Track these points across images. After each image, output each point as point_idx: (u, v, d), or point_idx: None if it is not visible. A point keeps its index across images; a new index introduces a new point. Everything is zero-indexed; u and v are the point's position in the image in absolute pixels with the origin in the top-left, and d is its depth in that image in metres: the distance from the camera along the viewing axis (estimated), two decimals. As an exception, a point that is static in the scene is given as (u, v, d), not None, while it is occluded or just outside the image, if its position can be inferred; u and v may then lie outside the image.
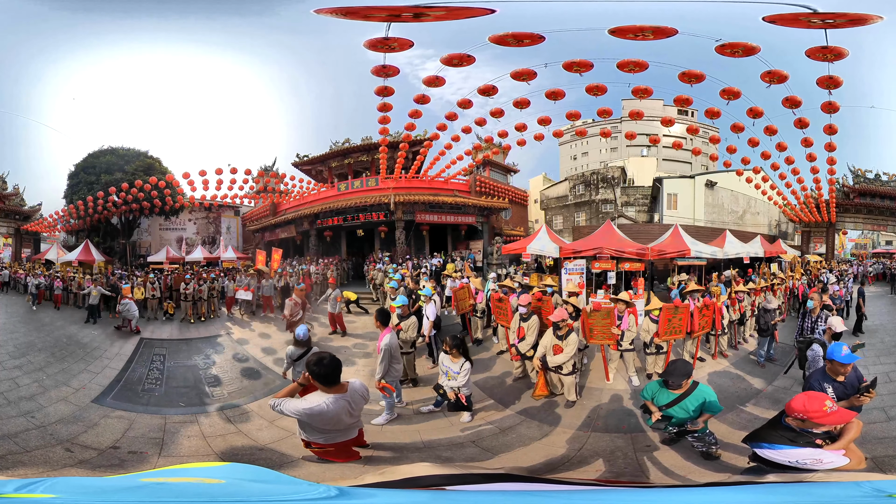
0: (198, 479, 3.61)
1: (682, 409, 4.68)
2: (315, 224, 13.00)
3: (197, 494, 3.16)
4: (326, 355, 3.99)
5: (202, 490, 3.25)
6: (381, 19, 5.97)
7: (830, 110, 7.51)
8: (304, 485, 3.50)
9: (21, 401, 6.31)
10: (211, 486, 3.30)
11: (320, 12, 6.03)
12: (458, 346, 5.75)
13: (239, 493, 3.24)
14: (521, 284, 8.55)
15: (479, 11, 5.84)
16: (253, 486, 3.39)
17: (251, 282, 10.78)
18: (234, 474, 3.74)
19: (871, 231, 13.60)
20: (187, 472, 4.14)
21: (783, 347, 8.02)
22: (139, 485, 3.45)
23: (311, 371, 3.92)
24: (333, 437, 4.17)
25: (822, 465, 3.62)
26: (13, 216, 12.31)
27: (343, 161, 13.35)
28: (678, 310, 6.91)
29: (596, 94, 7.55)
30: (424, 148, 10.58)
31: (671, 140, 12.24)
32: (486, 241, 13.00)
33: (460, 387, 5.79)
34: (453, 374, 5.77)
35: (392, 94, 7.84)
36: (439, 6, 5.71)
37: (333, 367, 3.93)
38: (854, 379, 4.39)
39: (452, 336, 5.93)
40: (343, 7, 6.01)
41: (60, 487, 2.95)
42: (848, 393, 4.31)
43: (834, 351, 4.35)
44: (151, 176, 11.38)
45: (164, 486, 3.40)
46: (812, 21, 5.85)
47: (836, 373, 4.37)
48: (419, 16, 5.82)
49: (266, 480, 3.56)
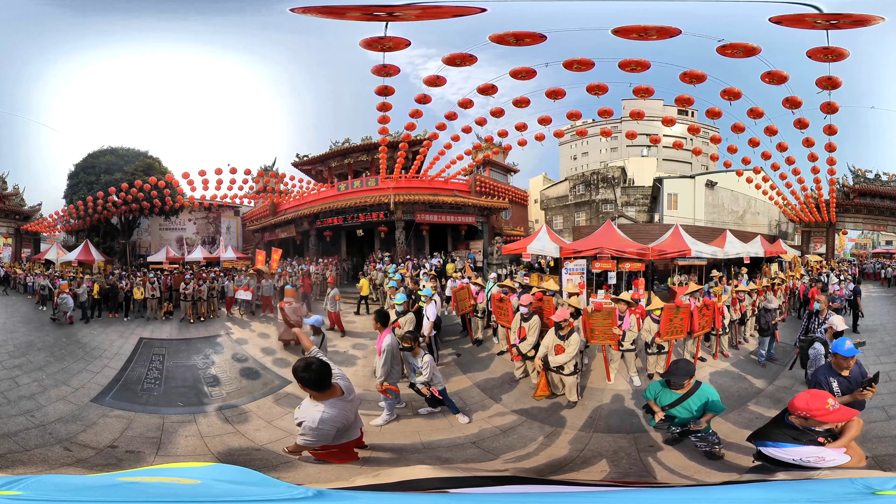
0: (173, 480, 3.57)
1: (685, 409, 4.67)
2: (315, 224, 12.98)
3: (170, 495, 3.14)
4: (313, 360, 3.81)
5: (176, 490, 3.23)
6: (356, 18, 5.93)
7: (830, 111, 7.52)
8: (283, 486, 3.48)
9: (21, 400, 6.30)
10: (185, 487, 3.29)
11: (295, 11, 6.00)
12: (416, 341, 5.73)
13: (214, 493, 3.21)
14: (522, 285, 8.54)
15: (469, 10, 5.82)
16: (229, 487, 3.36)
17: (251, 281, 10.71)
18: (215, 475, 3.70)
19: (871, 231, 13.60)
20: (165, 472, 4.11)
21: (784, 347, 8.02)
22: (115, 483, 3.44)
23: (301, 378, 3.71)
24: (338, 437, 4.10)
25: (825, 463, 3.67)
26: (13, 216, 12.28)
27: (343, 161, 13.33)
28: (679, 310, 6.90)
29: (597, 93, 7.54)
30: (424, 148, 10.56)
31: (672, 140, 12.24)
32: (486, 241, 12.98)
33: (429, 382, 5.75)
34: (418, 369, 5.75)
35: (392, 94, 7.83)
36: (414, 4, 5.67)
37: (322, 372, 3.75)
38: (858, 374, 4.54)
39: (408, 332, 5.94)
40: (318, 6, 5.97)
41: (33, 485, 2.96)
42: (852, 387, 4.44)
43: (838, 345, 4.53)
44: (151, 176, 11.36)
45: (138, 486, 3.40)
46: (817, 22, 5.85)
47: (840, 367, 4.51)
48: (394, 14, 5.77)
49: (246, 482, 3.52)
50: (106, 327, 9.51)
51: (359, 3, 5.79)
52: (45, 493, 2.90)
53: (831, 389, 4.48)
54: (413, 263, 11.46)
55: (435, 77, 7.44)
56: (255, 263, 11.82)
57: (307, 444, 3.90)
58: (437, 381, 5.82)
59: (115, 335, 9.16)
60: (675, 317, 6.84)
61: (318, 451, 4.30)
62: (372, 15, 5.82)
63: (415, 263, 11.49)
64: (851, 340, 4.56)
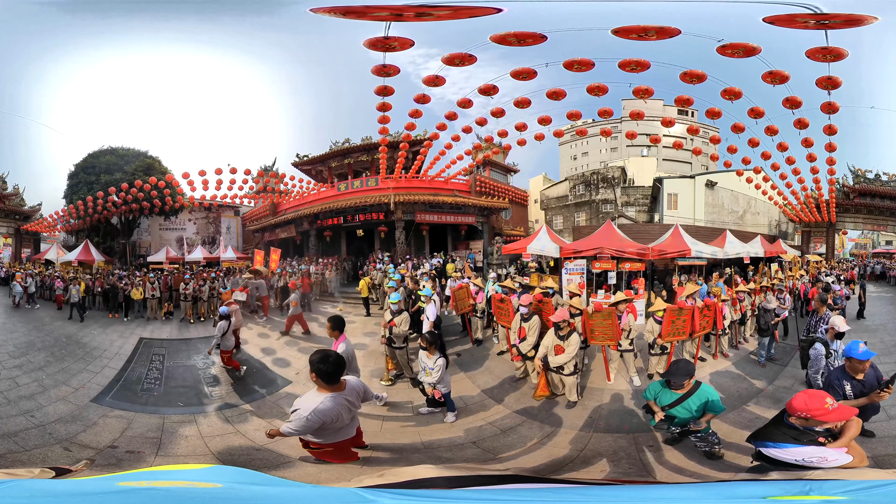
0: (191, 484, 3.45)
1: (685, 409, 4.67)
2: (315, 224, 12.99)
3: (192, 498, 3.00)
4: (332, 353, 3.99)
5: (195, 495, 3.10)
6: (383, 18, 5.94)
7: (830, 111, 7.52)
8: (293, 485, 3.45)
9: (21, 400, 6.30)
10: (207, 491, 3.18)
11: (316, 11, 5.99)
12: (434, 343, 5.74)
13: (239, 496, 3.09)
14: (522, 285, 8.54)
15: (485, 11, 5.82)
16: (253, 489, 3.25)
17: (248, 282, 10.57)
18: (218, 477, 3.65)
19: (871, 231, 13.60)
20: (165, 476, 4.04)
21: (784, 347, 8.02)
22: (116, 490, 3.25)
23: (317, 368, 3.89)
24: (332, 436, 4.14)
25: (828, 463, 3.65)
26: (13, 216, 12.28)
27: (343, 161, 13.33)
28: (682, 311, 6.90)
29: (597, 93, 7.54)
30: (424, 148, 10.56)
31: (671, 140, 12.24)
32: (486, 241, 12.98)
33: (436, 383, 5.76)
34: (429, 369, 5.76)
35: (392, 94, 7.83)
36: (444, 5, 5.69)
37: (338, 365, 3.93)
38: (872, 377, 4.47)
39: (429, 332, 5.92)
40: (341, 6, 5.97)
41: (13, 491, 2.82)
42: (865, 391, 4.39)
43: (852, 349, 4.45)
44: (151, 176, 11.36)
45: (151, 492, 3.21)
46: (809, 22, 5.85)
47: (854, 370, 4.45)
48: (422, 15, 5.79)
49: (258, 483, 3.48)
50: (106, 327, 9.51)
51: (386, 3, 5.78)
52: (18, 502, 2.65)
53: (844, 393, 4.44)
54: (413, 263, 11.46)
55: (434, 77, 7.44)
56: (254, 263, 11.75)
57: (289, 432, 3.95)
58: (444, 384, 5.84)
59: (115, 335, 9.16)
60: (678, 318, 6.84)
61: (315, 450, 4.31)
62: (401, 16, 5.82)
63: (414, 263, 11.48)
64: (865, 343, 4.49)
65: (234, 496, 3.13)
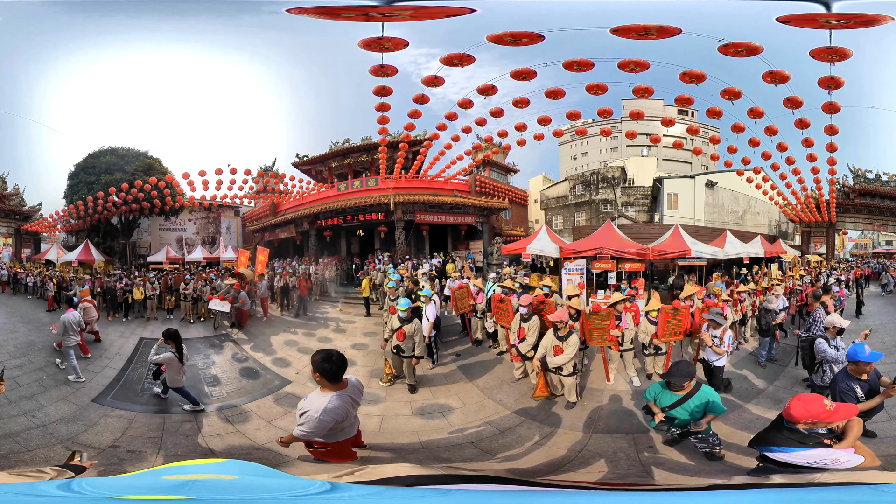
0: (212, 476, 3.68)
1: (685, 411, 4.66)
2: (315, 224, 12.98)
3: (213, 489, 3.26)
4: (334, 352, 3.99)
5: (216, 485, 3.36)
6: (353, 19, 5.93)
7: (831, 111, 7.51)
8: (297, 479, 3.56)
9: (22, 400, 6.30)
10: (226, 482, 3.43)
11: (292, 12, 5.99)
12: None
13: (251, 487, 3.33)
14: (522, 285, 8.53)
15: (459, 10, 5.81)
16: (262, 481, 3.50)
17: (230, 290, 9.46)
18: (235, 470, 3.78)
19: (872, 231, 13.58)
20: (184, 470, 4.15)
21: (784, 347, 8.01)
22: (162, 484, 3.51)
23: (321, 368, 3.89)
24: (337, 435, 4.13)
25: (840, 465, 3.62)
26: (13, 216, 12.29)
27: (343, 161, 13.32)
28: (678, 311, 6.89)
29: (596, 93, 7.53)
30: (424, 148, 10.56)
31: (672, 140, 12.22)
32: (486, 241, 12.97)
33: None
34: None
35: (391, 94, 7.83)
36: (409, 5, 5.66)
37: (341, 363, 3.94)
38: (873, 375, 4.51)
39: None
40: (314, 7, 5.95)
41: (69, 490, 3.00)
42: (873, 389, 4.40)
43: (857, 352, 4.47)
44: (151, 176, 11.36)
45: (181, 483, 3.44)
46: (826, 22, 5.81)
47: (859, 372, 4.48)
48: (387, 15, 5.76)
49: (265, 475, 3.61)
50: (106, 327, 9.51)
51: (353, 4, 5.78)
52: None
53: (855, 395, 4.45)
54: (413, 263, 11.46)
55: (433, 77, 7.44)
56: (238, 265, 10.79)
57: (303, 435, 3.94)
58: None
59: (115, 335, 9.17)
60: (674, 318, 6.83)
61: (317, 450, 4.31)
62: (366, 15, 5.81)
63: (414, 263, 11.48)
64: (868, 345, 4.51)
65: (247, 486, 3.36)
